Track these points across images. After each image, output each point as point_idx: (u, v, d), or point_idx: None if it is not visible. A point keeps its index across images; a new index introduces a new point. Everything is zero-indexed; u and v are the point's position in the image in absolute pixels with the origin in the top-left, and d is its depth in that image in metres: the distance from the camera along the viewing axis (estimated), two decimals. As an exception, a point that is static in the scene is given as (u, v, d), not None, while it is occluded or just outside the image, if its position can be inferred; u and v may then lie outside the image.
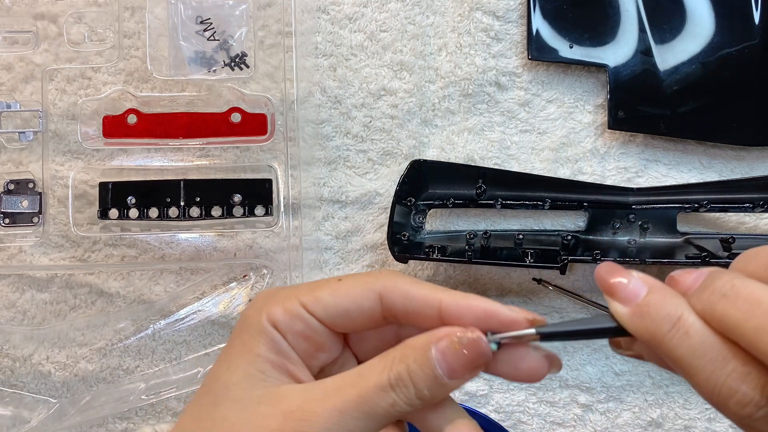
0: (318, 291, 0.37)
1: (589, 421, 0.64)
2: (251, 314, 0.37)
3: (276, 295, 0.38)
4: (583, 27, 0.64)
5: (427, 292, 0.36)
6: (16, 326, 0.65)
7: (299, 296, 0.37)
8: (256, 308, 0.37)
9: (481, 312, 0.35)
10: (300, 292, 0.37)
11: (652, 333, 0.32)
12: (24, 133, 0.63)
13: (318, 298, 0.37)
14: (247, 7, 0.62)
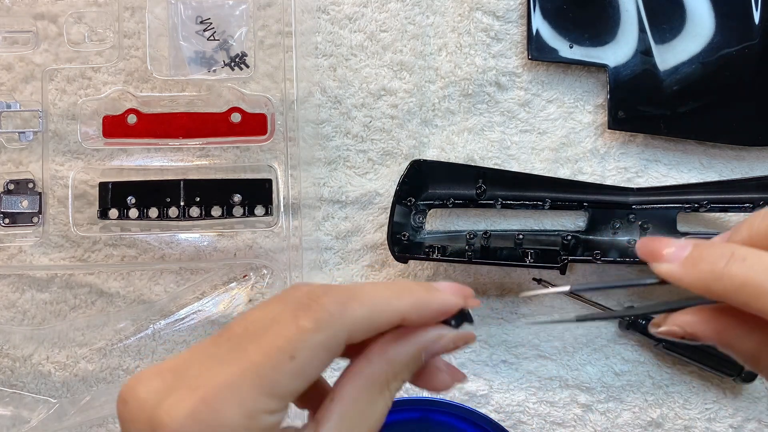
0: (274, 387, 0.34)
1: (589, 421, 0.64)
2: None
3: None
4: (583, 27, 0.64)
5: (387, 312, 0.36)
6: (16, 326, 0.65)
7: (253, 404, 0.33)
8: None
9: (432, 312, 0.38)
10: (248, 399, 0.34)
11: (709, 273, 0.33)
12: (24, 133, 0.63)
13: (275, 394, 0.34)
14: (247, 7, 0.62)
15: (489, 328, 0.65)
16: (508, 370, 0.65)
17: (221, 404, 0.32)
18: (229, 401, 0.32)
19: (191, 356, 0.35)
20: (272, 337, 0.33)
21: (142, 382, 0.34)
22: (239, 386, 0.32)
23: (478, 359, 0.64)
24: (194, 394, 0.32)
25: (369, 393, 0.36)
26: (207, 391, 0.32)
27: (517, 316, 0.65)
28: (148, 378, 0.34)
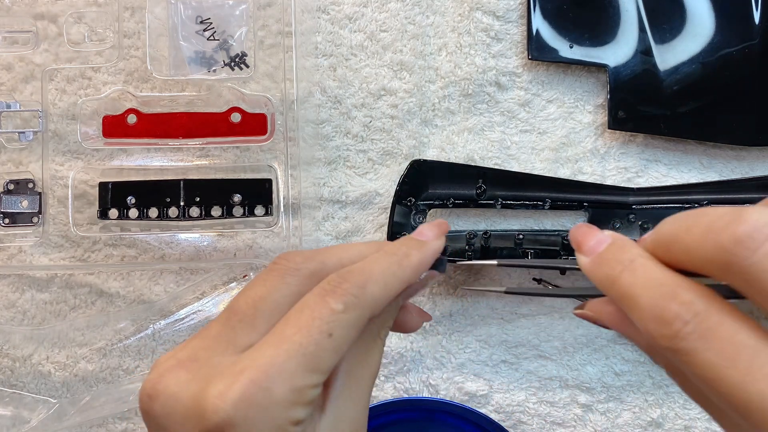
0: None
1: (589, 421, 0.64)
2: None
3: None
4: (583, 27, 0.64)
5: (397, 284, 0.41)
6: (16, 326, 0.65)
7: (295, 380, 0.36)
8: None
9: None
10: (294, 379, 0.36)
11: (606, 278, 0.35)
12: (24, 133, 0.63)
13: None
14: (247, 7, 0.62)
15: (489, 328, 0.65)
16: (508, 370, 0.65)
17: (271, 383, 0.34)
18: (278, 380, 0.35)
19: (208, 343, 0.38)
20: (308, 318, 0.36)
21: (167, 376, 0.36)
22: (287, 365, 0.35)
23: (478, 359, 0.64)
24: (242, 377, 0.34)
25: (365, 345, 0.40)
26: (255, 373, 0.34)
27: (517, 316, 0.65)
28: (172, 371, 0.36)
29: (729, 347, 0.30)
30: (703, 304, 0.31)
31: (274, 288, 0.39)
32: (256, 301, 0.38)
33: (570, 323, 0.64)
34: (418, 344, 0.65)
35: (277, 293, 0.39)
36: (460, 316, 0.65)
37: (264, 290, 0.39)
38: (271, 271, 0.40)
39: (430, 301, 0.64)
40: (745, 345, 0.30)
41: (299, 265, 0.40)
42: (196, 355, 0.37)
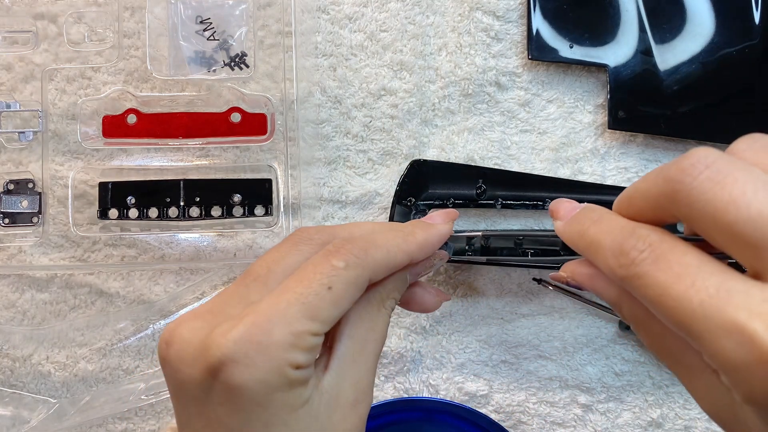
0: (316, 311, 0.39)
1: (589, 421, 0.64)
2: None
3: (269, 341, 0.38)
4: (583, 27, 0.64)
5: (399, 255, 0.44)
6: (16, 326, 0.65)
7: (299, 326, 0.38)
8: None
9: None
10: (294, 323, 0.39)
11: (577, 233, 0.40)
12: (24, 133, 0.63)
13: (317, 317, 0.39)
14: (247, 6, 0.62)
15: (489, 328, 0.65)
16: (508, 370, 0.65)
17: (271, 326, 0.37)
18: (278, 323, 0.37)
19: (224, 299, 0.41)
20: (311, 272, 0.39)
21: (183, 324, 0.39)
22: (287, 311, 0.38)
23: (478, 359, 0.64)
24: (245, 320, 0.37)
25: (369, 312, 0.43)
26: (257, 316, 0.37)
27: (517, 316, 0.65)
28: (188, 320, 0.39)
29: (676, 266, 0.33)
30: (657, 237, 0.35)
31: (288, 253, 0.42)
32: (269, 263, 0.41)
33: (570, 323, 0.64)
34: (418, 344, 0.65)
35: (290, 257, 0.42)
36: (460, 316, 0.65)
37: (278, 255, 0.42)
38: (287, 241, 0.43)
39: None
40: (690, 264, 0.33)
41: (312, 236, 0.43)
42: (212, 309, 0.40)
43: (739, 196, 0.31)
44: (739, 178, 0.32)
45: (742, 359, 0.30)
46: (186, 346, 0.39)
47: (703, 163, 0.33)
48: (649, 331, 0.38)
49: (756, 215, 0.31)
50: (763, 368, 0.30)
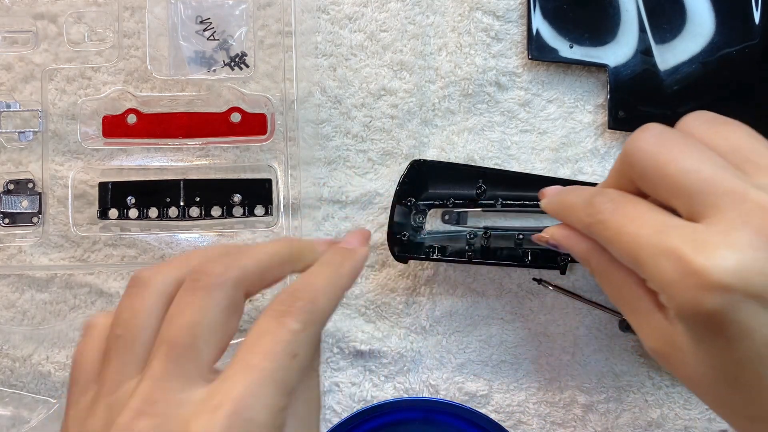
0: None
1: (589, 421, 0.64)
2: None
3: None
4: (583, 27, 0.64)
5: (340, 293, 0.44)
6: (16, 326, 0.65)
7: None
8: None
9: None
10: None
11: (558, 201, 0.49)
12: (24, 132, 0.63)
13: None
14: (247, 6, 0.62)
15: (489, 328, 0.65)
16: (508, 370, 0.65)
17: (251, 412, 0.35)
18: (257, 408, 0.35)
19: (156, 384, 0.37)
20: (272, 344, 0.37)
21: (137, 422, 0.35)
22: (261, 392, 0.36)
23: (478, 359, 0.64)
24: (221, 411, 0.35)
25: (305, 383, 0.40)
26: (234, 405, 0.35)
27: (517, 317, 0.65)
28: (134, 423, 0.35)
29: (631, 212, 0.41)
30: (618, 194, 0.43)
31: (206, 309, 0.38)
32: (191, 328, 0.38)
33: (570, 324, 0.64)
34: (418, 344, 0.65)
35: (210, 314, 0.38)
36: (460, 316, 0.65)
37: (196, 314, 0.38)
38: (195, 290, 0.39)
39: (430, 301, 0.64)
40: (641, 210, 0.41)
41: (222, 278, 0.39)
42: (152, 398, 0.36)
43: (677, 155, 0.40)
44: (677, 143, 0.41)
45: (674, 276, 0.37)
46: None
47: (652, 133, 0.42)
48: (611, 281, 0.45)
49: (689, 169, 0.39)
50: (689, 280, 0.37)
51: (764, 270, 0.36)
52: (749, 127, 0.43)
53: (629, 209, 0.41)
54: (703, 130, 0.42)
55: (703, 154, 0.40)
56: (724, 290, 0.36)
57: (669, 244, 0.38)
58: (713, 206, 0.38)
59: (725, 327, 0.37)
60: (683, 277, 0.37)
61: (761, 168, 0.40)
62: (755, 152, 0.41)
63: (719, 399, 0.41)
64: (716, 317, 0.37)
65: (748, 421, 0.41)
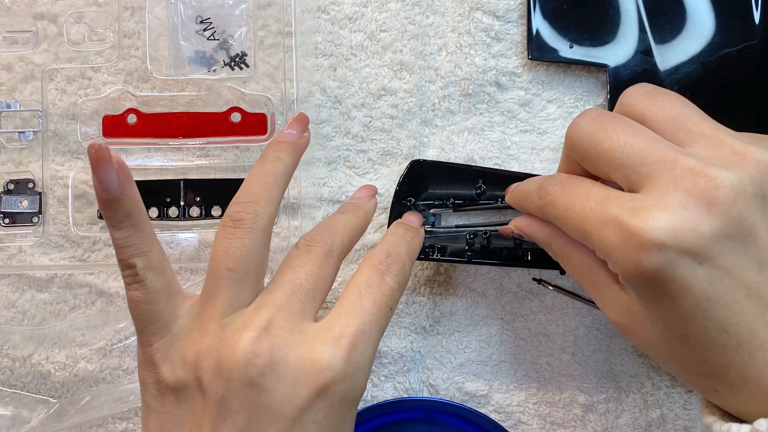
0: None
1: (589, 421, 0.64)
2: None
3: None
4: (584, 27, 0.64)
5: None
6: (16, 326, 0.65)
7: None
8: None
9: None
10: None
11: (518, 192, 0.52)
12: (24, 132, 0.63)
13: None
14: (247, 6, 0.62)
15: (489, 328, 0.65)
16: (508, 370, 0.65)
17: (363, 347, 0.44)
18: (367, 344, 0.44)
19: (280, 313, 0.45)
20: (379, 295, 0.46)
21: (261, 344, 0.43)
22: (371, 332, 0.45)
23: (478, 359, 0.64)
24: (342, 341, 0.43)
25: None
26: (352, 338, 0.43)
27: (517, 317, 0.65)
28: (263, 338, 0.43)
29: (576, 189, 0.44)
30: (566, 176, 0.47)
31: (322, 267, 0.47)
32: (313, 278, 0.46)
33: (570, 324, 0.64)
34: (418, 344, 0.65)
35: (326, 271, 0.48)
36: (460, 316, 0.65)
37: (316, 269, 0.47)
38: (310, 251, 0.48)
39: (430, 301, 0.64)
40: (585, 187, 0.44)
41: (332, 248, 0.49)
42: (277, 324, 0.44)
43: (611, 133, 0.43)
44: (611, 122, 0.44)
45: (616, 241, 0.40)
46: (282, 366, 0.42)
47: (590, 116, 0.45)
48: (571, 261, 0.48)
49: (622, 144, 0.42)
50: (628, 243, 0.39)
51: (695, 227, 0.38)
52: (684, 98, 0.46)
53: (574, 188, 0.44)
54: (641, 101, 0.45)
55: (636, 130, 0.43)
56: (659, 248, 0.38)
57: (609, 213, 0.41)
58: (647, 175, 0.41)
59: (666, 285, 0.39)
60: (623, 241, 0.40)
61: (693, 135, 0.43)
62: (688, 120, 0.43)
63: (676, 360, 0.43)
64: (656, 276, 0.39)
65: (703, 378, 0.42)
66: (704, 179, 0.39)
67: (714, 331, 0.40)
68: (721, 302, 0.39)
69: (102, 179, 0.44)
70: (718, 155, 0.41)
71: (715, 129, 0.43)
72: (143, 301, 0.46)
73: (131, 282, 0.46)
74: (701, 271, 0.39)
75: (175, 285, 0.48)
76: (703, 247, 0.38)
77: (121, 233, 0.45)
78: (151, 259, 0.46)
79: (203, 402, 0.43)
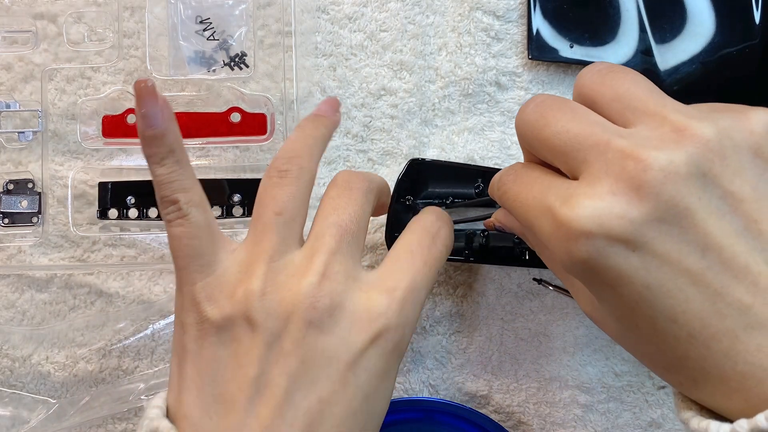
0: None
1: (589, 421, 0.64)
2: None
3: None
4: (584, 27, 0.64)
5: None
6: (16, 326, 0.65)
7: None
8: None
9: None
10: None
11: (490, 184, 0.48)
12: (23, 133, 0.63)
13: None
14: (247, 6, 0.62)
15: (489, 328, 0.65)
16: (508, 370, 0.65)
17: (414, 302, 0.45)
18: (417, 300, 0.45)
19: (333, 258, 0.45)
20: (429, 257, 0.47)
21: (322, 290, 0.43)
22: (422, 290, 0.46)
23: (478, 359, 0.64)
24: (397, 292, 0.45)
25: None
26: (404, 292, 0.45)
27: (517, 316, 0.64)
28: (340, 286, 0.44)
29: (526, 179, 0.43)
30: (521, 166, 0.45)
31: (363, 205, 0.48)
32: (356, 219, 0.47)
33: (570, 323, 0.64)
34: (418, 344, 0.65)
35: (365, 213, 0.48)
36: (460, 316, 0.65)
37: (359, 210, 0.47)
38: (351, 191, 0.48)
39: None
40: (533, 176, 0.43)
41: (371, 187, 0.49)
42: (332, 269, 0.44)
43: (550, 119, 0.41)
44: (552, 108, 0.42)
45: (550, 231, 0.39)
46: (340, 311, 0.43)
47: (534, 103, 0.43)
48: (544, 253, 0.47)
49: (559, 130, 0.40)
50: (559, 233, 0.38)
51: (622, 213, 0.37)
52: (639, 74, 0.43)
53: (524, 177, 0.43)
54: (592, 82, 0.43)
55: (575, 114, 0.41)
56: (586, 237, 0.37)
57: (545, 202, 0.40)
58: (583, 161, 0.39)
59: (602, 275, 0.38)
60: (555, 231, 0.39)
61: (638, 114, 0.40)
62: (634, 98, 0.41)
63: (639, 353, 0.42)
64: (590, 266, 0.38)
65: (666, 371, 0.41)
66: (633, 162, 0.37)
67: (662, 321, 0.38)
68: (663, 290, 0.37)
69: (147, 114, 0.44)
70: (658, 134, 0.38)
71: (660, 105, 0.40)
72: (186, 236, 0.45)
73: (174, 218, 0.45)
74: (635, 258, 0.37)
75: (216, 227, 0.46)
76: (634, 234, 0.37)
77: (164, 170, 0.45)
78: (193, 195, 0.45)
79: (251, 342, 0.43)
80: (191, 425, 0.42)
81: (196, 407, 0.43)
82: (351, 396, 0.42)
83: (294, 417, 0.41)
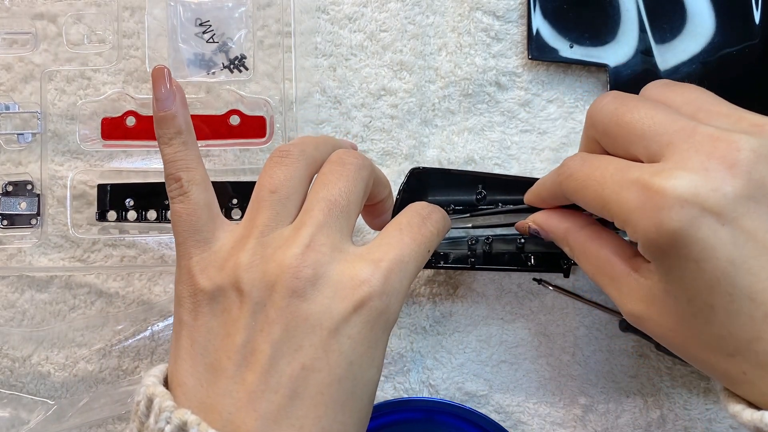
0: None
1: (589, 421, 0.64)
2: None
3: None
4: (584, 27, 0.64)
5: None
6: (15, 327, 0.65)
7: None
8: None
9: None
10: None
11: (535, 184, 0.53)
12: (23, 134, 0.63)
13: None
14: (247, 9, 0.62)
15: (489, 328, 0.65)
16: (508, 370, 0.65)
17: (401, 275, 0.45)
18: (404, 274, 0.45)
19: (320, 231, 0.45)
20: (419, 235, 0.48)
21: (308, 258, 0.44)
22: (409, 264, 0.46)
23: (478, 359, 0.64)
24: (382, 264, 0.44)
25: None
26: (390, 264, 0.45)
27: (517, 317, 0.65)
28: (323, 256, 0.44)
29: (595, 162, 0.45)
30: (587, 154, 0.47)
31: (356, 182, 0.48)
32: (347, 193, 0.47)
33: (571, 323, 0.64)
34: (418, 344, 0.65)
35: (358, 187, 0.48)
36: (460, 316, 0.65)
37: (350, 185, 0.47)
38: (344, 166, 0.48)
39: (430, 302, 0.64)
40: (603, 159, 0.44)
41: (364, 163, 0.49)
42: (318, 241, 0.44)
43: (632, 108, 0.44)
44: (632, 99, 0.45)
45: (636, 202, 0.40)
46: (324, 280, 0.43)
47: (610, 95, 0.46)
48: (588, 256, 0.48)
49: (643, 116, 0.43)
50: (650, 202, 0.39)
51: (717, 187, 0.38)
52: (703, 88, 0.47)
53: (594, 161, 0.45)
54: (659, 92, 0.47)
55: (656, 105, 0.44)
56: (681, 205, 0.38)
57: (630, 177, 0.41)
58: (668, 144, 0.41)
59: (689, 247, 0.39)
60: (645, 202, 0.40)
61: (712, 113, 0.44)
62: (707, 102, 0.45)
63: (699, 341, 0.42)
64: (679, 236, 0.39)
65: (729, 358, 0.41)
66: (725, 143, 0.39)
67: (740, 299, 0.39)
68: (746, 267, 0.38)
69: (160, 97, 0.48)
70: (738, 127, 0.42)
71: (733, 108, 0.44)
72: (186, 212, 0.47)
73: (177, 194, 0.47)
74: (724, 232, 0.38)
75: (216, 208, 0.49)
76: (726, 208, 0.38)
77: (171, 149, 0.48)
78: (196, 174, 0.48)
79: (239, 311, 0.44)
80: (184, 393, 0.44)
81: (190, 376, 0.44)
82: (334, 363, 0.42)
83: (278, 383, 0.42)
